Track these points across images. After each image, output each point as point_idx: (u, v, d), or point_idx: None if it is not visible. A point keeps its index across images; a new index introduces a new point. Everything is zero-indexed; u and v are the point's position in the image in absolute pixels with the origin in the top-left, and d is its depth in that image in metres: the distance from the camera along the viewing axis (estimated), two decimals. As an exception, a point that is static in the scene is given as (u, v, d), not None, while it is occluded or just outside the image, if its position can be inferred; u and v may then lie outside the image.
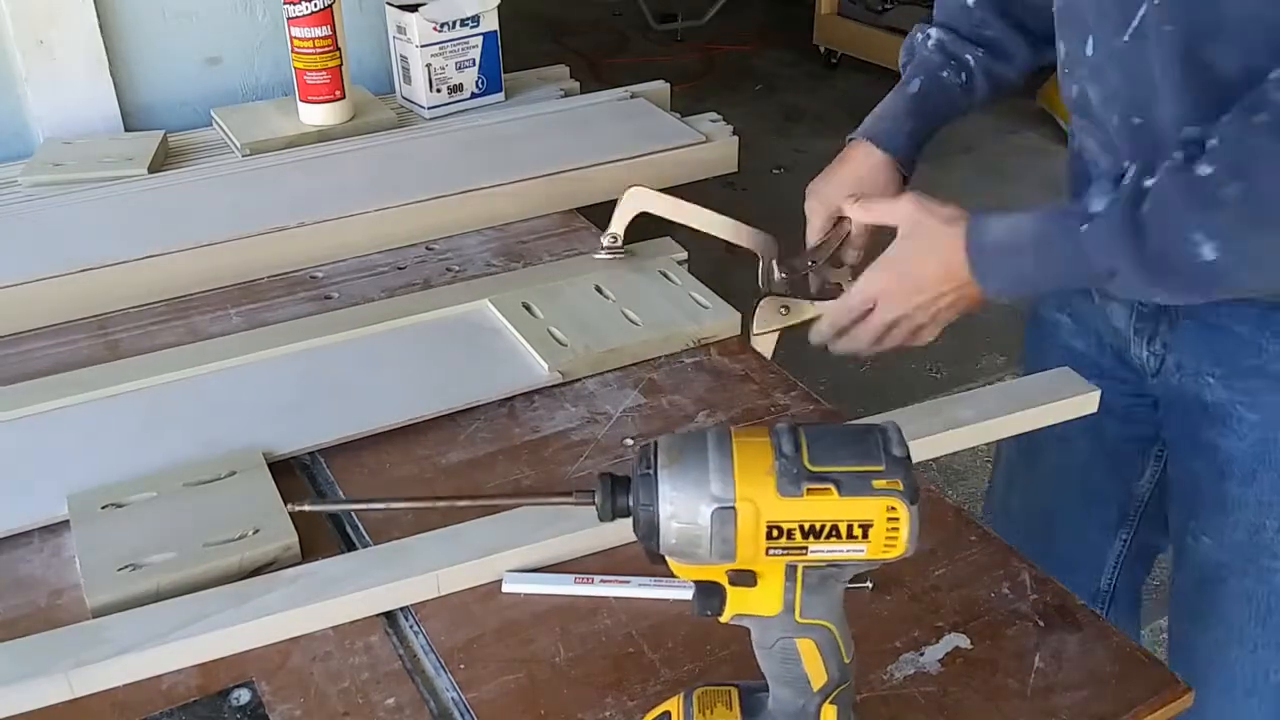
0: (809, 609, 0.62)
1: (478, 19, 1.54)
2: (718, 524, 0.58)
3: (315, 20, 1.42)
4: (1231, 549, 1.02)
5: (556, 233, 1.35)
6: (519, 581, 0.85)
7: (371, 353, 1.11)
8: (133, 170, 1.39)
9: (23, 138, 1.49)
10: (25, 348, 1.15)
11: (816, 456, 0.58)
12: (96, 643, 0.78)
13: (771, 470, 0.58)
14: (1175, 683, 0.78)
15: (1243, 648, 1.03)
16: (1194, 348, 1.01)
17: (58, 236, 1.26)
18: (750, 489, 0.58)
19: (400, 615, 0.84)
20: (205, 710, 0.76)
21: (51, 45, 1.45)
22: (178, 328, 1.18)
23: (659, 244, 1.27)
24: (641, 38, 4.97)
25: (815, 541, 0.58)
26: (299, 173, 1.40)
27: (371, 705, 0.76)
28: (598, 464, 0.97)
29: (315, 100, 1.48)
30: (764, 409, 1.05)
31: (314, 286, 1.25)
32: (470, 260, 1.30)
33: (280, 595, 0.82)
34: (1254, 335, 0.95)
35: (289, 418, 1.02)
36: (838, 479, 0.58)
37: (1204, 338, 0.99)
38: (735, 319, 1.15)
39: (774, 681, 0.65)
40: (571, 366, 1.08)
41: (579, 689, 0.77)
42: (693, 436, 0.60)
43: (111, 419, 1.02)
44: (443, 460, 0.99)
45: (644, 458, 0.60)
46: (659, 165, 1.43)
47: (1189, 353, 1.01)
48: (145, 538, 0.87)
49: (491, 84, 1.59)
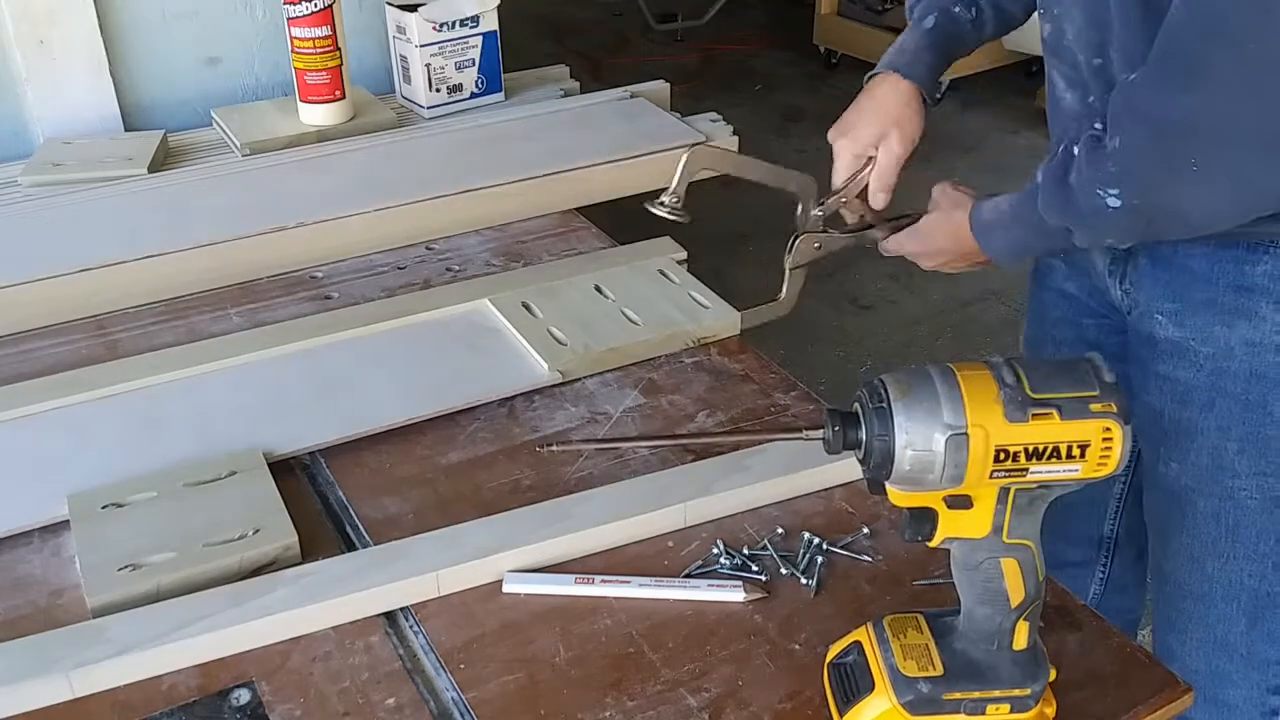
0: (1015, 529, 0.68)
1: (477, 19, 1.54)
2: (952, 449, 0.64)
3: (315, 20, 1.42)
4: (1197, 473, 1.07)
5: (556, 233, 1.35)
6: (519, 581, 0.85)
7: (371, 353, 1.11)
8: (133, 170, 1.39)
9: (23, 138, 1.49)
10: (25, 348, 1.15)
11: (1036, 385, 0.64)
12: (96, 643, 0.78)
13: (998, 399, 0.64)
14: (1175, 683, 0.78)
15: (1218, 559, 1.10)
16: (1151, 286, 1.07)
17: (58, 236, 1.26)
18: (980, 416, 0.64)
19: (400, 615, 0.84)
20: (205, 710, 0.76)
21: (51, 45, 1.45)
22: (177, 328, 1.18)
23: (659, 244, 1.27)
24: (641, 38, 4.96)
25: (1036, 463, 0.64)
26: (299, 173, 1.40)
27: (371, 705, 0.76)
28: (598, 464, 0.97)
29: (315, 100, 1.48)
30: (764, 409, 1.05)
31: (314, 286, 1.25)
32: (470, 260, 1.30)
33: (280, 595, 0.82)
34: (1207, 270, 1.02)
35: (289, 418, 1.02)
36: (1059, 404, 0.64)
37: (1160, 276, 1.06)
38: (735, 319, 1.15)
39: (973, 601, 0.70)
40: (571, 366, 1.08)
41: (579, 689, 0.77)
42: (917, 371, 0.66)
43: (111, 419, 1.02)
44: (443, 460, 0.99)
45: (874, 393, 0.66)
46: (659, 165, 1.43)
47: (1145, 290, 1.08)
48: (145, 538, 0.87)
49: (491, 84, 1.59)
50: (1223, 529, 1.09)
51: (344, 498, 0.95)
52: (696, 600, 0.84)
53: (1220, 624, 1.12)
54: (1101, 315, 1.20)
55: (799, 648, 0.80)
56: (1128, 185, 0.91)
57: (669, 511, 0.90)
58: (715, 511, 0.92)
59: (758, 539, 0.90)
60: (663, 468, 0.96)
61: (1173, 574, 1.15)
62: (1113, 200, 0.92)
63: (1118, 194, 0.91)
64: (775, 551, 0.88)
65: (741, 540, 0.90)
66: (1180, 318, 1.06)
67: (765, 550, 0.88)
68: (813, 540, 0.89)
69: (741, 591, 0.84)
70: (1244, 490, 1.06)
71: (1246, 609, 1.11)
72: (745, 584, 0.85)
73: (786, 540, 0.90)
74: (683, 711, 0.76)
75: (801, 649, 0.80)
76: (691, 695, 0.77)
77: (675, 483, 0.93)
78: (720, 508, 0.92)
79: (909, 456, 0.64)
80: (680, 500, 0.91)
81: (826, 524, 0.91)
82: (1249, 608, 1.11)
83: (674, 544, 0.90)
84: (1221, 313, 1.03)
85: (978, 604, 0.70)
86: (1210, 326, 1.04)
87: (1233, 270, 1.02)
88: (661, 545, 0.90)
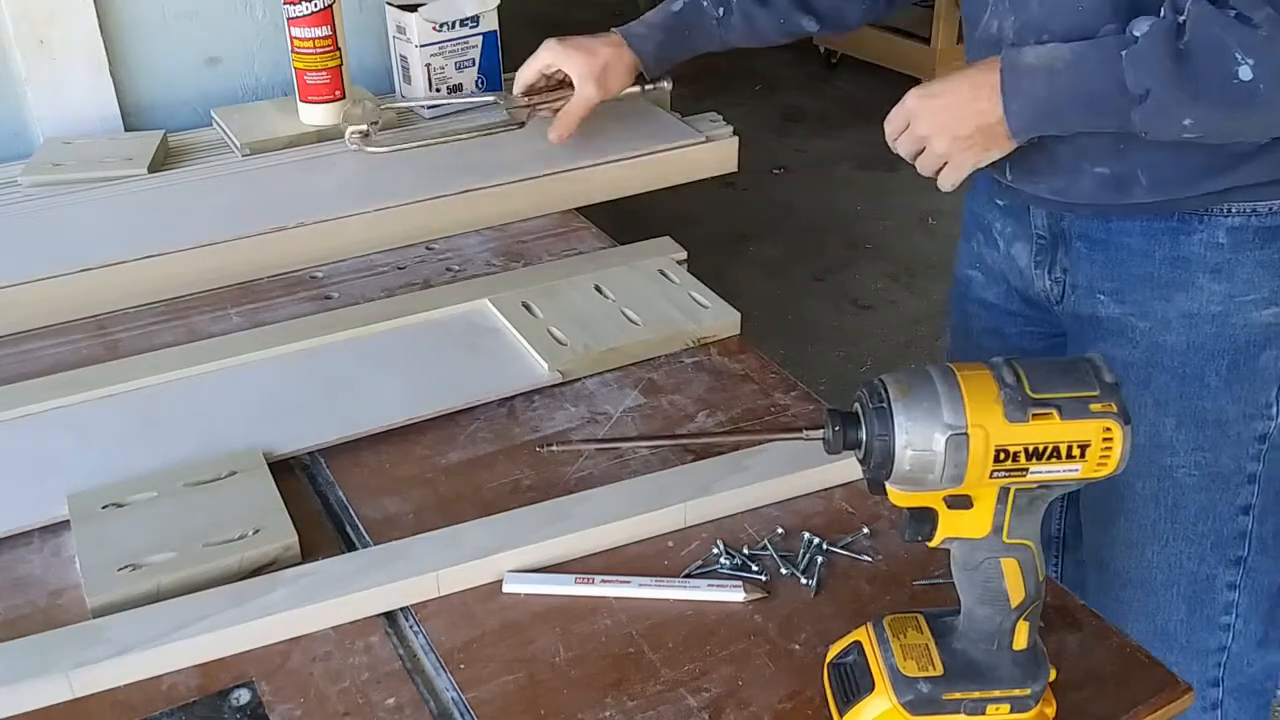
0: (1015, 529, 0.68)
1: (477, 19, 1.54)
2: (952, 449, 0.64)
3: (315, 20, 1.42)
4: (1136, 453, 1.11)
5: (556, 233, 1.35)
6: (519, 581, 0.85)
7: (371, 353, 1.11)
8: (133, 170, 1.39)
9: (23, 138, 1.49)
10: (25, 348, 1.15)
11: (1036, 385, 0.65)
12: (96, 643, 0.78)
13: (998, 399, 0.64)
14: (1175, 683, 0.78)
15: (1157, 542, 1.11)
16: (1089, 267, 1.08)
17: (58, 236, 1.26)
18: (980, 416, 0.64)
19: (400, 615, 0.84)
20: (205, 710, 0.76)
21: (51, 45, 1.45)
22: (177, 328, 1.18)
23: (659, 244, 1.27)
24: (641, 38, 4.97)
25: (1037, 463, 0.64)
26: (299, 173, 1.40)
27: (371, 705, 0.76)
28: (598, 464, 0.97)
29: (315, 100, 1.48)
30: (764, 409, 1.05)
31: (314, 286, 1.25)
32: (470, 260, 1.30)
33: (280, 595, 0.82)
34: (1142, 245, 1.03)
35: (289, 418, 1.02)
36: (1059, 404, 0.64)
37: (1097, 257, 1.06)
38: (735, 319, 1.15)
39: (973, 601, 0.70)
40: (571, 366, 1.08)
41: (579, 689, 0.77)
42: (917, 371, 0.66)
43: (111, 419, 1.02)
44: (443, 460, 0.99)
45: (874, 393, 0.66)
46: (659, 165, 1.43)
47: (1083, 273, 1.08)
48: (145, 538, 0.87)
49: (491, 84, 1.59)
50: (1162, 510, 1.09)
51: (344, 498, 0.95)
52: (696, 600, 0.84)
53: (1160, 612, 1.12)
54: (1024, 317, 1.20)
55: (799, 648, 0.80)
56: (1273, 55, 0.84)
57: (669, 511, 0.90)
58: (715, 511, 0.92)
59: (758, 539, 0.90)
60: (663, 468, 0.96)
61: (1111, 562, 1.15)
62: (1245, 72, 0.85)
63: (1255, 65, 0.85)
64: (775, 551, 0.88)
65: (741, 540, 0.90)
66: (1121, 295, 1.06)
67: (765, 550, 0.88)
68: (813, 540, 0.89)
69: (741, 591, 0.84)
70: (1182, 468, 1.06)
71: (1185, 594, 1.11)
72: (745, 584, 0.84)
73: (786, 540, 0.90)
74: (683, 711, 0.76)
75: (801, 649, 0.80)
76: (691, 695, 0.77)
77: (675, 483, 0.93)
78: (720, 508, 0.92)
79: (909, 456, 0.65)
80: (680, 500, 0.91)
81: (826, 524, 0.91)
82: (1188, 592, 1.11)
83: (674, 544, 0.90)
84: (1159, 286, 1.03)
85: (978, 604, 0.70)
86: (1149, 301, 1.04)
87: (1168, 243, 1.02)
88: (661, 545, 0.90)
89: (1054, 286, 1.12)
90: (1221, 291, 1.03)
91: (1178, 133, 0.92)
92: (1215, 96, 0.89)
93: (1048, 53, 0.96)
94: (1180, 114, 0.91)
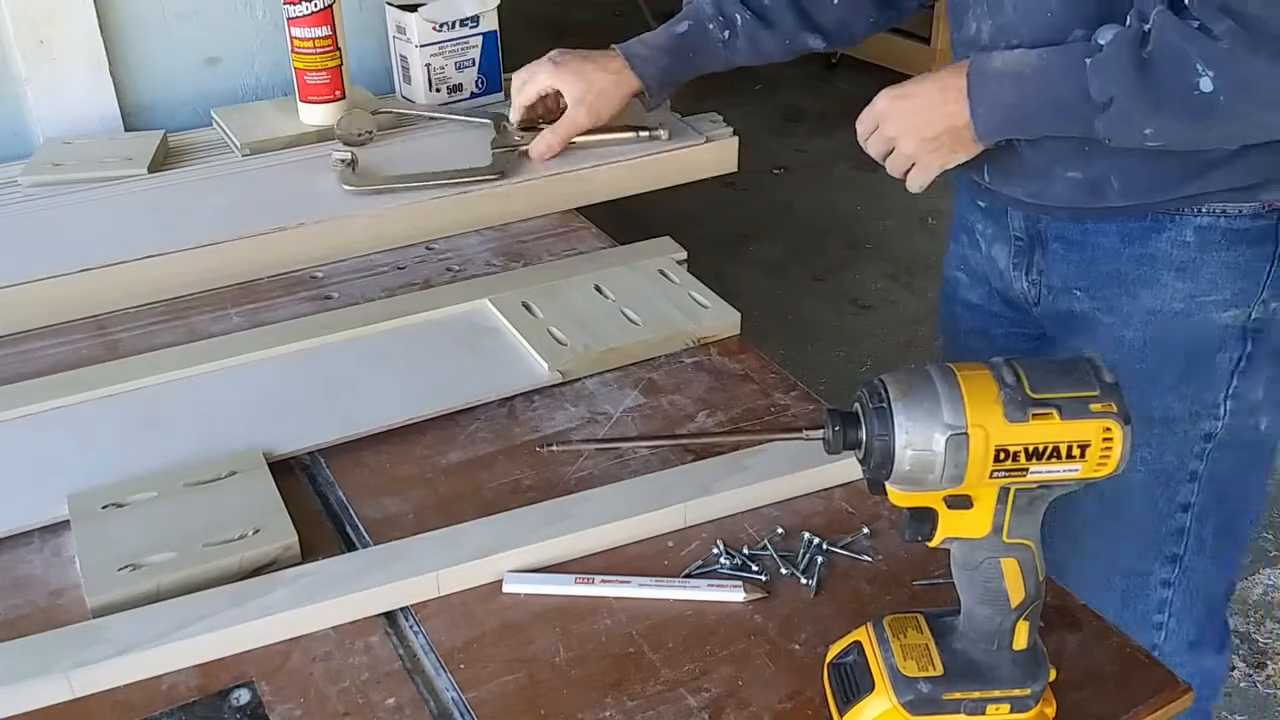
0: (1015, 529, 0.68)
1: (477, 19, 1.54)
2: (952, 449, 0.64)
3: (315, 20, 1.42)
4: None
5: (556, 233, 1.35)
6: (519, 581, 0.85)
7: (371, 353, 1.11)
8: (133, 170, 1.39)
9: (23, 138, 1.49)
10: (25, 348, 1.15)
11: (1036, 385, 0.65)
12: (96, 643, 0.78)
13: (998, 399, 0.64)
14: (1175, 682, 0.78)
15: (1099, 537, 1.12)
16: (1064, 267, 1.09)
17: (58, 236, 1.26)
18: (980, 416, 0.64)
19: (400, 615, 0.84)
20: (205, 710, 0.76)
21: (51, 45, 1.45)
22: (177, 328, 1.18)
23: (659, 244, 1.27)
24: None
25: (1037, 463, 0.65)
26: (299, 173, 1.40)
27: (371, 705, 0.76)
28: (598, 464, 0.97)
29: (315, 100, 1.48)
30: (764, 409, 1.05)
31: (314, 286, 1.25)
32: (470, 260, 1.30)
33: (280, 595, 0.82)
34: (1115, 245, 1.04)
35: (289, 418, 1.02)
36: (1059, 404, 0.64)
37: (1072, 257, 1.08)
38: (735, 319, 1.15)
39: (973, 601, 0.70)
40: (571, 366, 1.08)
41: (579, 689, 0.77)
42: (917, 371, 0.66)
43: (111, 419, 1.02)
44: (443, 460, 0.99)
45: (874, 393, 0.66)
46: (659, 165, 1.43)
47: (1059, 274, 1.09)
48: (145, 538, 0.87)
49: (491, 84, 1.59)
50: (1105, 505, 1.10)
51: (344, 498, 0.95)
52: (696, 600, 0.84)
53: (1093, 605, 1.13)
54: (1007, 319, 1.21)
55: (799, 648, 0.80)
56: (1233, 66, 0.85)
57: (669, 511, 0.90)
58: (715, 511, 0.92)
59: (758, 539, 0.90)
60: (663, 468, 0.96)
61: (1049, 551, 1.15)
62: (1206, 83, 0.86)
63: (1215, 76, 0.86)
64: (775, 551, 0.88)
65: (741, 540, 0.90)
66: (1092, 291, 1.07)
67: (765, 550, 0.88)
68: (813, 540, 0.89)
69: (741, 591, 0.84)
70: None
71: (1119, 588, 1.12)
72: (745, 584, 0.85)
73: (786, 540, 0.90)
74: (683, 711, 0.76)
75: (801, 649, 0.80)
76: (691, 695, 0.77)
77: (675, 483, 0.93)
78: (720, 508, 0.92)
79: (909, 456, 0.65)
80: (680, 500, 0.91)
81: (826, 524, 0.91)
82: (1122, 586, 1.12)
83: (674, 544, 0.90)
84: (1126, 283, 1.04)
85: (978, 604, 0.70)
86: (1116, 297, 1.05)
87: (1139, 241, 1.03)
88: (661, 545, 0.90)
89: (1031, 289, 1.13)
90: (1185, 290, 1.03)
91: (1140, 141, 0.93)
92: (1176, 107, 0.89)
93: (1015, 58, 0.97)
94: (1142, 123, 0.92)
